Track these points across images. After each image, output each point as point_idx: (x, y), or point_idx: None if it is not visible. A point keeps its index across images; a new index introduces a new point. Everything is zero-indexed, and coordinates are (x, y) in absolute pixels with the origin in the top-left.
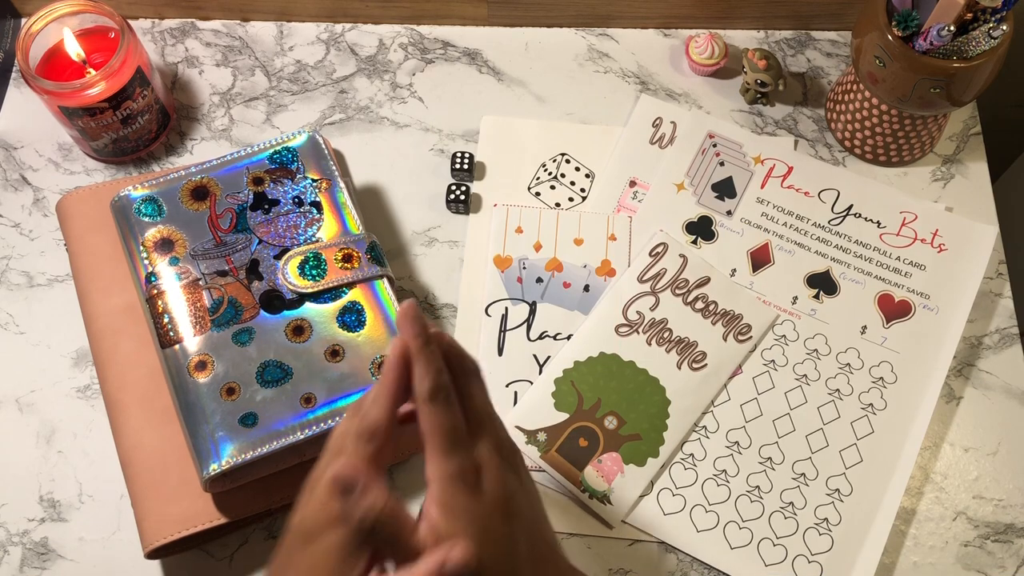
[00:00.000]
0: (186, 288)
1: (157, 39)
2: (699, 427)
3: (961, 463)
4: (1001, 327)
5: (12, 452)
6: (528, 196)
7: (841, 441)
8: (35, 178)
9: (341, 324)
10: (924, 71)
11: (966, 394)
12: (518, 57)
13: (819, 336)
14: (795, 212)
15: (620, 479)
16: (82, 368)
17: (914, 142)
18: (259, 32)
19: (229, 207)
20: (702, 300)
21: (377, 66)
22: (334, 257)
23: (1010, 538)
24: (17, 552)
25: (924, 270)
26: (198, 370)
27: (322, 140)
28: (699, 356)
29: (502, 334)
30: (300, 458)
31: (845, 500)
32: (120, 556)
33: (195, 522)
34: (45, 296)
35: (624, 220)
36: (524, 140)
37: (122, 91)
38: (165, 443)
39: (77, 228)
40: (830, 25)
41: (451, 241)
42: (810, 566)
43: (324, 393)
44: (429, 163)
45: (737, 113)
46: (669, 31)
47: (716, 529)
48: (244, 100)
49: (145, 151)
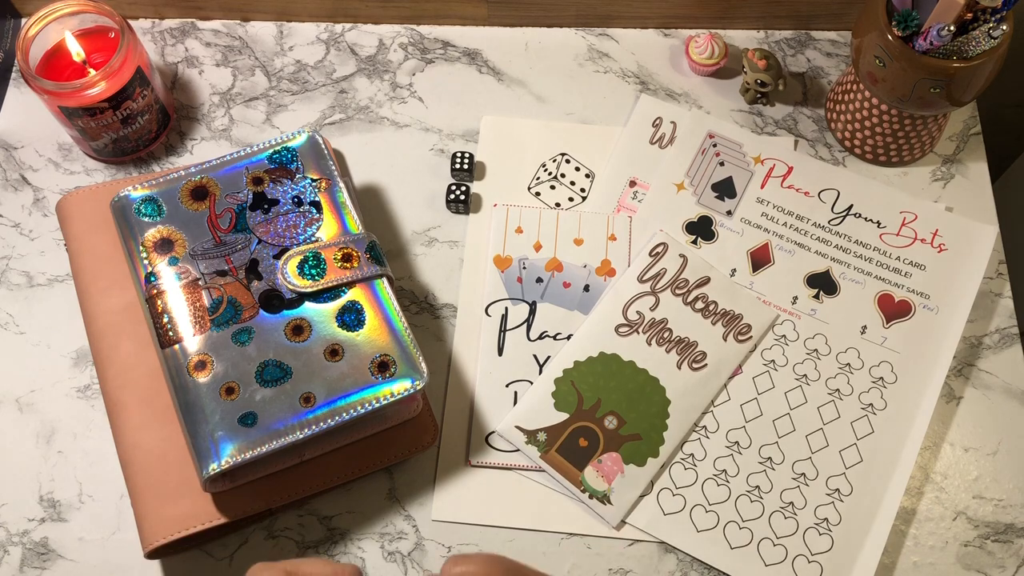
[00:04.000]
0: (186, 288)
1: (157, 39)
2: (699, 427)
3: (961, 463)
4: (1001, 327)
5: (12, 452)
6: (528, 196)
7: (841, 441)
8: (35, 178)
9: (341, 324)
10: (924, 71)
11: (966, 394)
12: (518, 57)
13: (819, 336)
14: (795, 212)
15: (620, 479)
16: (82, 368)
17: (914, 142)
18: (259, 32)
19: (229, 207)
20: (702, 300)
21: (377, 66)
22: (333, 257)
23: (1010, 538)
24: (17, 552)
25: (924, 270)
26: (198, 370)
27: (322, 140)
28: (699, 356)
29: (502, 334)
30: (300, 458)
31: (845, 500)
32: (120, 556)
33: (195, 522)
34: (45, 296)
35: (624, 220)
36: (524, 140)
37: (122, 91)
38: (165, 443)
39: (77, 228)
40: (830, 25)
41: (451, 241)
42: (810, 566)
43: (324, 393)
44: (429, 163)
45: (737, 113)
46: (669, 31)
47: (716, 529)
48: (244, 100)
49: (145, 151)
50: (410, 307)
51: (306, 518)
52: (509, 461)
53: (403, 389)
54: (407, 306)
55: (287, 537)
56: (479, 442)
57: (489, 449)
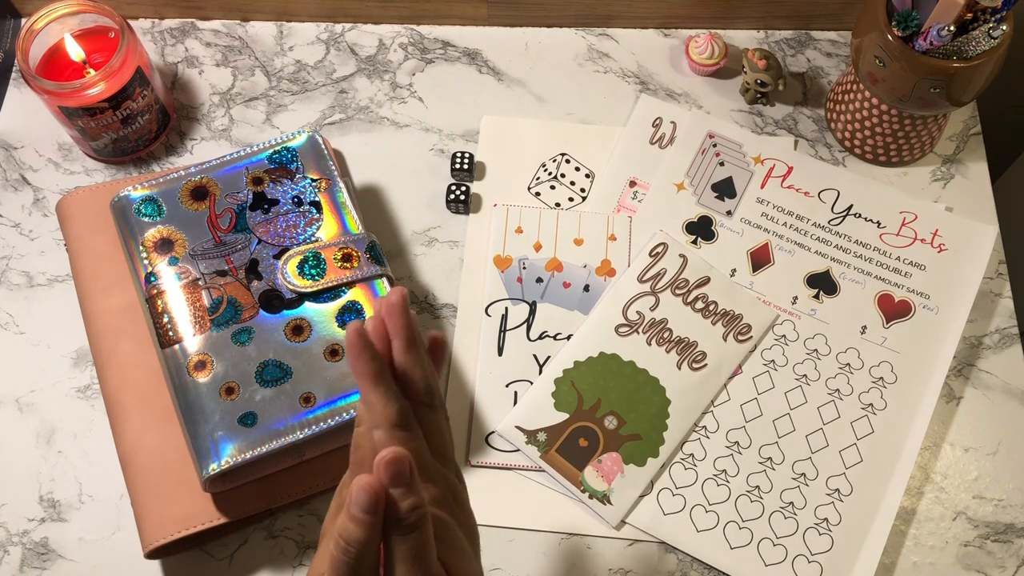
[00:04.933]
0: (186, 288)
1: (157, 39)
2: (699, 427)
3: (961, 463)
4: (1001, 327)
5: (12, 452)
6: (528, 196)
7: (841, 441)
8: (35, 178)
9: (341, 323)
10: (924, 71)
11: (966, 394)
12: (518, 57)
13: (819, 336)
14: (795, 212)
15: (620, 479)
16: (82, 368)
17: (914, 142)
18: (259, 32)
19: (228, 207)
20: (702, 300)
21: (377, 66)
22: (333, 256)
23: (1010, 538)
24: (17, 552)
25: (924, 270)
26: (198, 370)
27: (322, 140)
28: (699, 356)
29: (502, 334)
30: (300, 458)
31: (845, 500)
32: (120, 556)
33: (195, 522)
34: (45, 296)
35: (624, 220)
36: (524, 140)
37: (122, 91)
38: (165, 443)
39: (77, 228)
40: (830, 25)
41: (451, 241)
42: (810, 566)
43: (324, 393)
44: (429, 163)
45: (737, 113)
46: (669, 31)
47: (716, 529)
48: (244, 100)
49: (145, 151)
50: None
51: (306, 518)
52: (509, 461)
53: None
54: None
55: (287, 537)
56: (479, 442)
57: (489, 449)
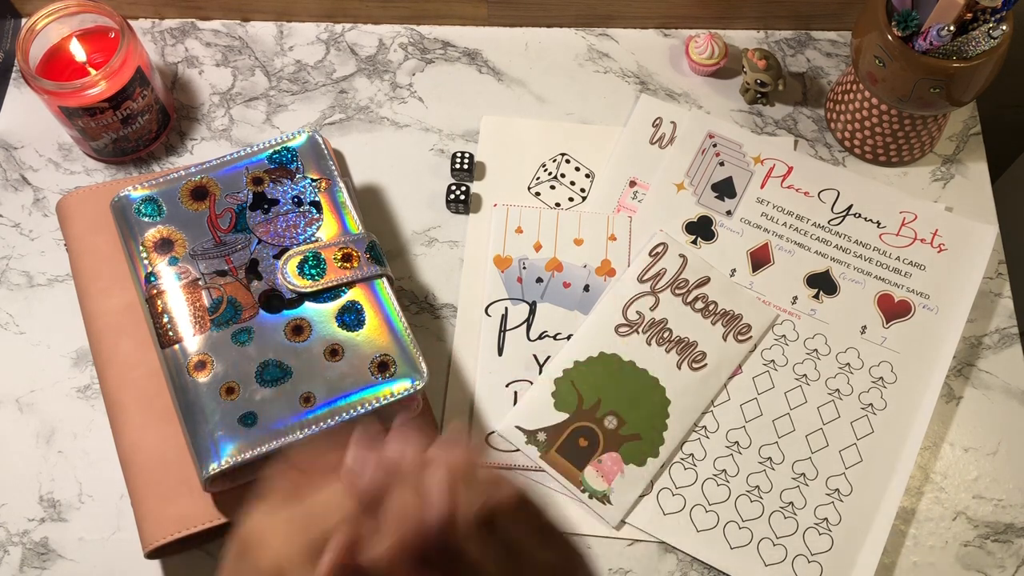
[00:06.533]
0: (186, 288)
1: (157, 39)
2: (699, 427)
3: (961, 463)
4: (1001, 327)
5: (12, 452)
6: (528, 196)
7: (841, 441)
8: (35, 178)
9: (340, 323)
10: (924, 71)
11: (966, 394)
12: (518, 57)
13: (819, 336)
14: (795, 212)
15: (620, 479)
16: (82, 368)
17: (914, 142)
18: (259, 32)
19: (228, 207)
20: (702, 300)
21: (377, 66)
22: (333, 256)
23: (1010, 538)
24: (17, 552)
25: (924, 270)
26: (198, 370)
27: (322, 140)
28: (699, 356)
29: (502, 334)
30: None
31: (845, 500)
32: (120, 556)
33: (195, 522)
34: (45, 296)
35: (624, 220)
36: (524, 140)
37: (122, 91)
38: (165, 443)
39: (77, 228)
40: (830, 25)
41: (451, 241)
42: (810, 566)
43: (324, 393)
44: (429, 163)
45: (737, 113)
46: (669, 31)
47: (716, 529)
48: (244, 100)
49: (145, 151)
50: (410, 307)
51: None
52: (509, 461)
53: (403, 389)
54: (407, 306)
55: None
56: (479, 442)
57: (489, 449)
